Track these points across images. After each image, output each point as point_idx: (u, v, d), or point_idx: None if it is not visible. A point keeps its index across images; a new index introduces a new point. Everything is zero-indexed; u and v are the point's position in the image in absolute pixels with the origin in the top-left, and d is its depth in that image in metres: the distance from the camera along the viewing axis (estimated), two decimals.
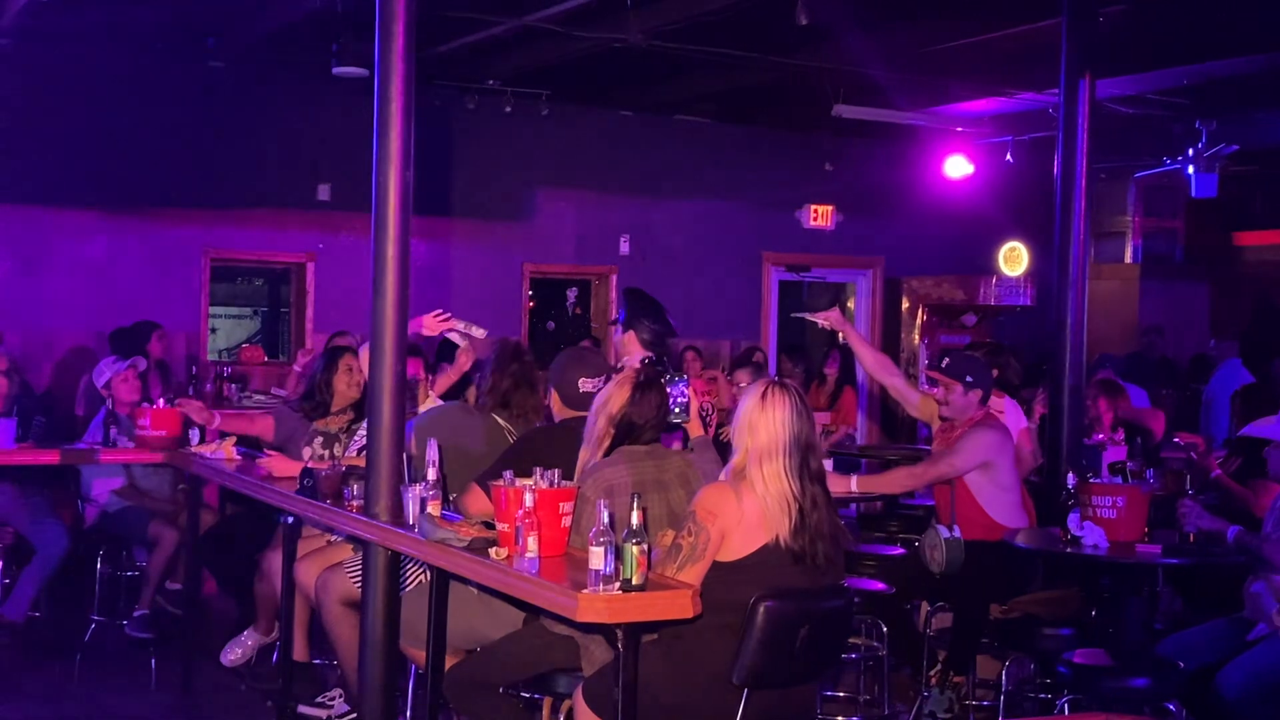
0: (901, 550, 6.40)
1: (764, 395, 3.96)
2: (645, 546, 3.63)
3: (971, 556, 5.75)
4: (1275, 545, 4.81)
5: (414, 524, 4.37)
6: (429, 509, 4.37)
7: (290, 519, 5.36)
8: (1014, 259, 13.27)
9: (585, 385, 4.81)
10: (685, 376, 4.72)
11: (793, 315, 10.28)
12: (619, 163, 11.80)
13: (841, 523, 4.08)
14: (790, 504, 3.88)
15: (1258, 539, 4.93)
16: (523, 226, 11.48)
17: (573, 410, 4.81)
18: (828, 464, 6.08)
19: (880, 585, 5.67)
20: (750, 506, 3.88)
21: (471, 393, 5.67)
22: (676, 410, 4.53)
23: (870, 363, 6.51)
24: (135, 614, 6.57)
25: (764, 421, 3.92)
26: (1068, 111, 6.77)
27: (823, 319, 6.55)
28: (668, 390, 4.50)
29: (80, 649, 6.48)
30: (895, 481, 6.48)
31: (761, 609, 3.79)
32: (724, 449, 4.41)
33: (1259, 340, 12.41)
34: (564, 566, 3.93)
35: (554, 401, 4.92)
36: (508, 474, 4.09)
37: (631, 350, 5.58)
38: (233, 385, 8.47)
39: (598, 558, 3.60)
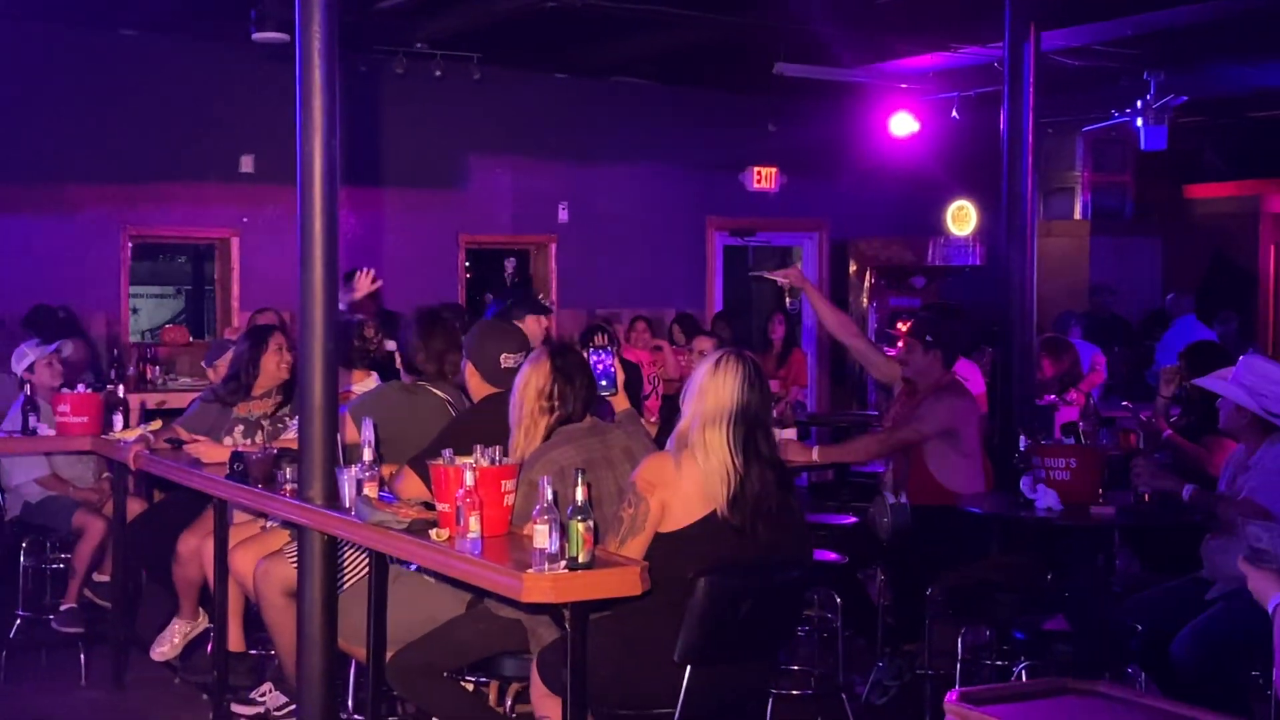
0: (853, 519, 6.31)
1: (718, 362, 3.91)
2: (591, 523, 3.53)
3: (921, 522, 5.67)
4: (1230, 503, 4.74)
5: (350, 507, 4.22)
6: (365, 491, 4.23)
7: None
8: (962, 218, 13.19)
9: (507, 360, 4.66)
10: (610, 347, 4.60)
11: (751, 273, 10.21)
12: (555, 127, 11.56)
13: (795, 506, 3.97)
14: (730, 475, 3.79)
15: (1213, 497, 4.86)
16: (457, 195, 11.23)
17: (493, 387, 4.65)
18: (790, 433, 6.03)
19: (832, 555, 5.57)
20: (690, 476, 3.81)
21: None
22: (603, 383, 4.40)
23: (832, 323, 6.39)
24: (62, 608, 6.35)
25: (713, 387, 3.86)
26: (1013, 65, 6.66)
27: (782, 277, 6.43)
28: (592, 360, 4.38)
29: (6, 646, 6.26)
30: (859, 450, 6.40)
31: (701, 583, 3.71)
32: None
33: (1214, 295, 12.42)
34: (507, 546, 3.83)
35: (471, 377, 4.76)
36: (447, 452, 3.97)
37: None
38: (155, 368, 8.21)
39: (542, 536, 3.50)
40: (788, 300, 12.25)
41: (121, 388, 6.30)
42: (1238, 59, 10.54)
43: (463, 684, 4.45)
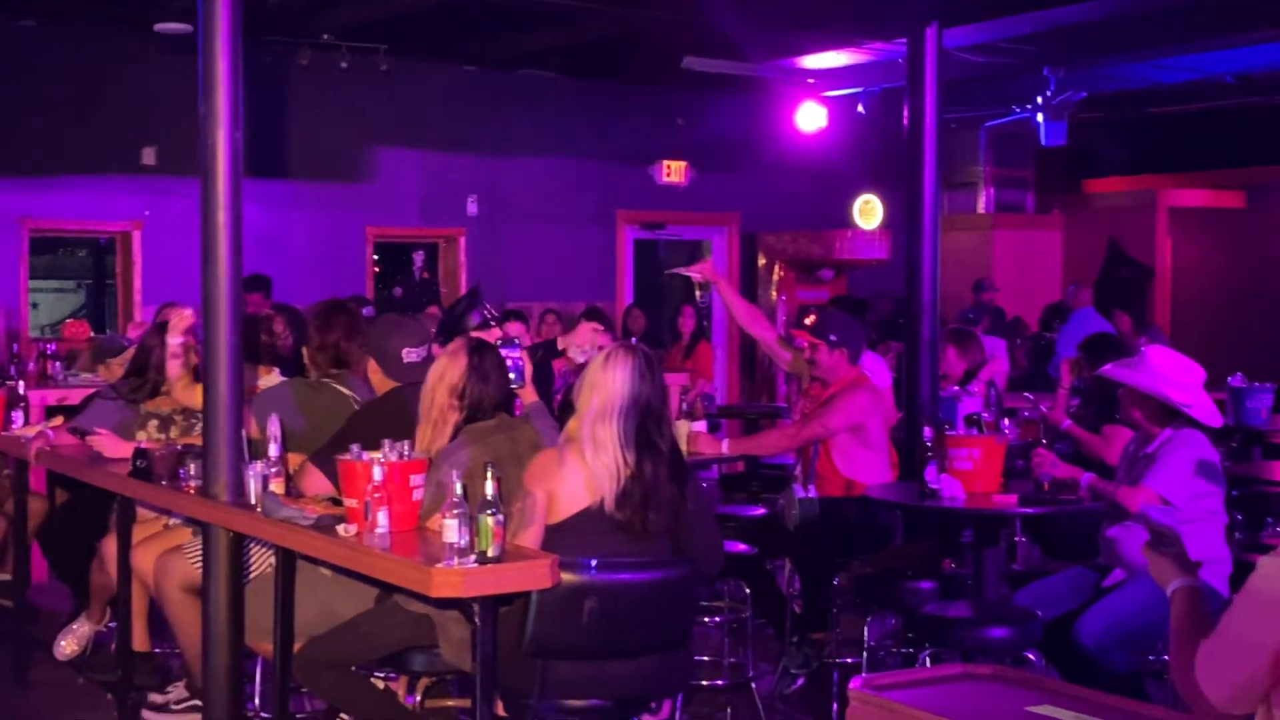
0: (763, 510, 6.37)
1: (607, 357, 3.92)
2: (500, 518, 3.53)
3: (828, 513, 5.74)
4: (1128, 492, 4.85)
5: (256, 503, 4.19)
6: (272, 487, 4.20)
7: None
8: (868, 212, 13.36)
9: (409, 355, 4.65)
10: (518, 341, 4.62)
11: (667, 272, 10.29)
12: (464, 120, 11.53)
13: (693, 495, 3.99)
14: (619, 470, 3.81)
15: (1111, 485, 4.96)
16: (364, 188, 11.16)
17: (394, 382, 4.64)
18: (700, 426, 6.08)
19: (742, 546, 5.62)
20: (573, 468, 3.84)
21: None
22: (511, 376, 4.41)
23: (742, 315, 6.47)
24: None
25: (603, 381, 3.87)
26: (914, 61, 6.75)
27: (696, 272, 6.50)
28: (500, 354, 4.39)
29: None
30: (768, 443, 6.47)
31: None
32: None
33: (1110, 287, 12.70)
34: (416, 541, 3.83)
35: (373, 373, 4.75)
36: (355, 447, 3.93)
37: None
38: (57, 363, 8.06)
39: (451, 530, 3.50)
40: (698, 293, 12.33)
41: (21, 384, 6.19)
42: (1135, 56, 10.77)
43: (372, 680, 4.43)
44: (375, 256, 11.47)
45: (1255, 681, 2.48)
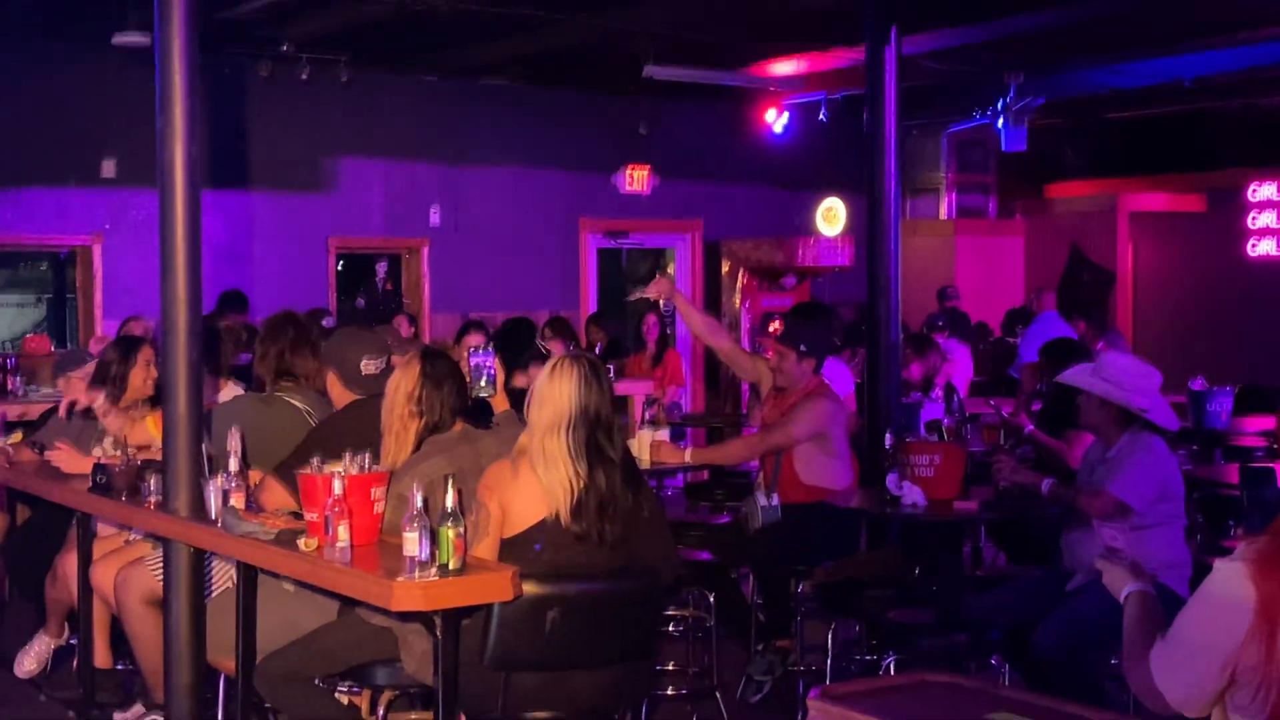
0: (727, 518, 6.38)
1: (554, 368, 3.91)
2: (461, 530, 3.54)
3: (790, 520, 5.75)
4: (1088, 497, 4.87)
5: (216, 518, 4.17)
6: (232, 501, 4.18)
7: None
8: (831, 218, 13.41)
9: (368, 366, 4.64)
10: (491, 348, 4.60)
11: (626, 300, 10.35)
12: (426, 130, 11.51)
13: (647, 503, 3.99)
14: (572, 484, 3.80)
15: (1071, 490, 4.99)
16: (326, 199, 11.11)
17: (354, 393, 4.63)
18: (664, 434, 6.09)
19: (705, 555, 5.62)
20: (526, 480, 3.83)
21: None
22: (483, 383, 4.40)
23: (699, 327, 6.49)
24: None
25: (550, 394, 3.87)
26: (874, 66, 6.78)
27: (654, 292, 6.52)
28: (473, 361, 4.37)
29: None
30: (731, 452, 6.49)
31: None
32: None
33: (1072, 291, 12.77)
34: (377, 554, 3.81)
35: (332, 385, 4.73)
36: (315, 460, 3.92)
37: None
38: (17, 378, 8.00)
39: (412, 543, 3.50)
40: (661, 302, 12.33)
41: None
42: (1094, 61, 10.85)
43: (336, 695, 4.41)
44: (338, 267, 11.44)
45: (1208, 683, 2.50)
